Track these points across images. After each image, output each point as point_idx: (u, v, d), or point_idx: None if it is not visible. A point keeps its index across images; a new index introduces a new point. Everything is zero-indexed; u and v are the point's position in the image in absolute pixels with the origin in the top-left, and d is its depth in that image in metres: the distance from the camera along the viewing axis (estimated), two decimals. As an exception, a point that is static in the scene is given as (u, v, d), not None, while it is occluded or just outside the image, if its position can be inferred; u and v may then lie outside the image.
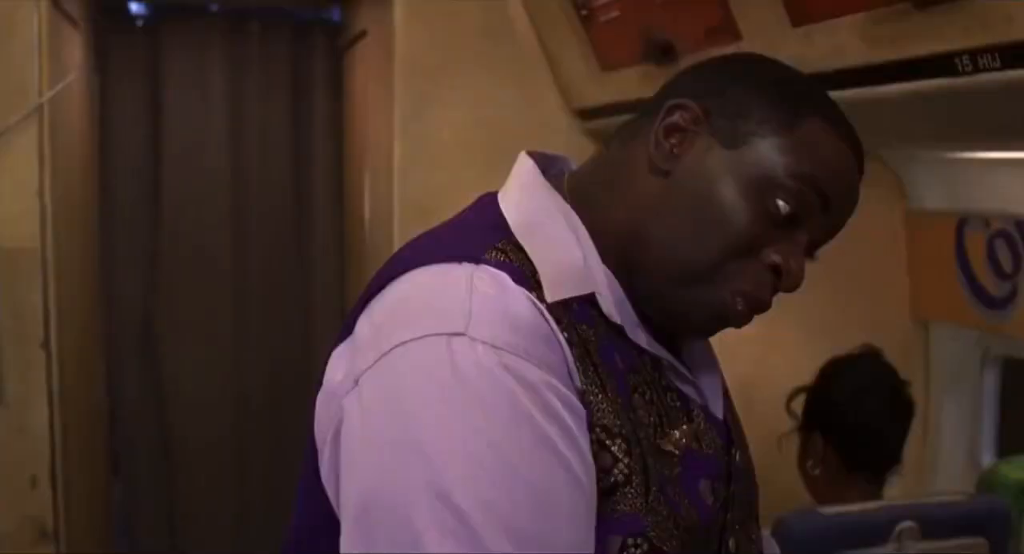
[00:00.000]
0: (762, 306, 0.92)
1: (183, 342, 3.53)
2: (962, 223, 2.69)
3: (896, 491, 2.10)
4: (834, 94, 1.55)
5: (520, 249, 0.88)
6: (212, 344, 3.54)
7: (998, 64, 1.27)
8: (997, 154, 2.38)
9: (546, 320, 0.83)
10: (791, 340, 2.85)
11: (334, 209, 3.69)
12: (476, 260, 0.85)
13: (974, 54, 1.29)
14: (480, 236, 0.89)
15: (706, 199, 0.89)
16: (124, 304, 3.52)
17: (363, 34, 3.12)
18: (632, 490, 0.84)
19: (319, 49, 3.70)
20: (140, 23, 3.61)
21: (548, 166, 0.99)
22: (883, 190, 2.94)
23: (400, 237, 2.57)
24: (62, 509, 2.46)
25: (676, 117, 0.92)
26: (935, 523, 1.75)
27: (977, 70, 1.30)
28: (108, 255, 3.46)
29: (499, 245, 0.88)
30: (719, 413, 0.98)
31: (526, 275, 0.85)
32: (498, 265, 0.85)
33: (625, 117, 2.56)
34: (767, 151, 0.89)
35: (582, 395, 0.83)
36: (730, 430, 1.00)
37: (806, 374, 2.05)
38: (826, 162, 0.90)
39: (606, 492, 0.84)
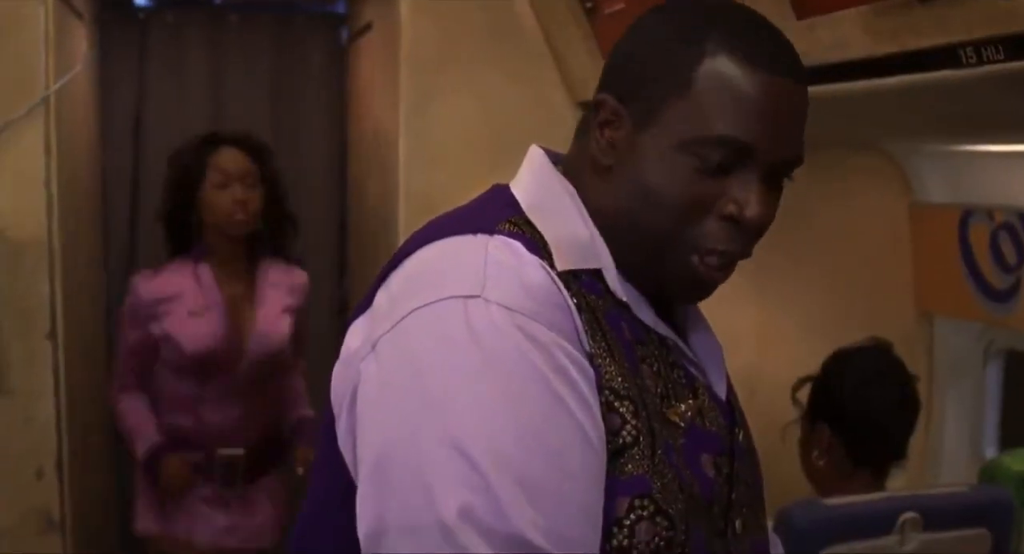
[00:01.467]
0: (731, 257, 0.92)
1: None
2: (966, 216, 2.69)
3: (899, 483, 2.11)
4: (837, 87, 1.56)
5: (531, 224, 0.91)
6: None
7: (1002, 56, 1.27)
8: (1002, 147, 2.39)
9: (558, 286, 0.86)
10: (794, 332, 2.87)
11: (339, 202, 3.70)
12: (491, 231, 0.88)
13: (978, 46, 1.30)
14: (494, 212, 0.92)
15: (643, 181, 0.91)
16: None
17: (368, 27, 3.12)
18: (639, 451, 0.86)
19: (324, 42, 3.71)
20: (144, 15, 3.62)
21: (556, 160, 1.01)
22: (887, 183, 2.94)
23: (405, 231, 2.57)
24: (68, 500, 2.48)
25: (602, 114, 0.94)
26: (938, 514, 1.76)
27: (981, 62, 1.30)
28: (114, 245, 3.49)
29: (512, 219, 0.91)
30: (722, 394, 1.00)
31: (538, 245, 0.89)
32: (511, 235, 0.89)
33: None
34: (673, 121, 0.89)
35: (591, 358, 0.85)
36: (733, 411, 1.02)
37: (808, 366, 2.06)
38: (736, 101, 0.88)
39: (614, 453, 0.85)
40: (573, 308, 0.86)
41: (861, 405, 1.90)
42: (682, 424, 0.92)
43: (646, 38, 0.94)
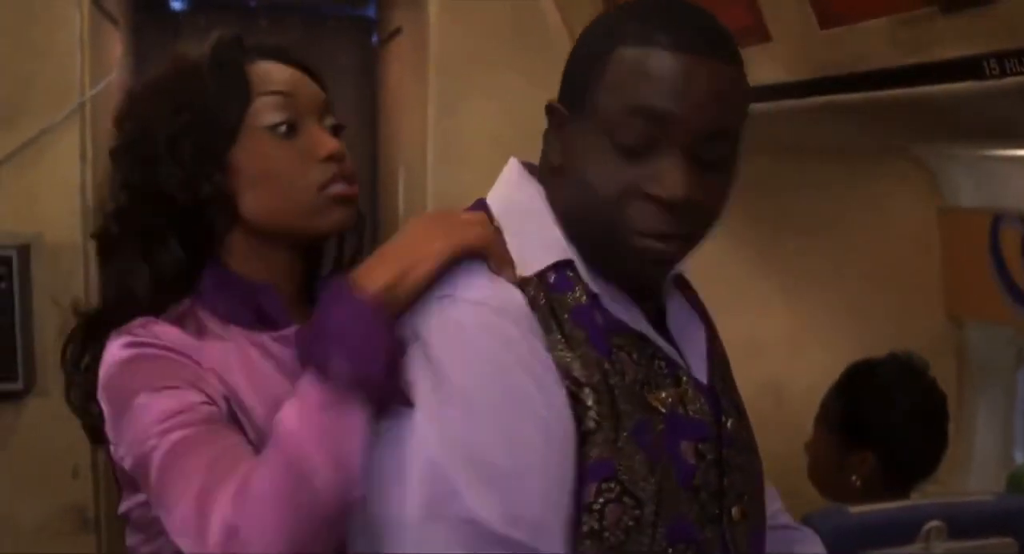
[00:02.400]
0: (662, 236, 0.94)
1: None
2: (996, 221, 2.68)
3: (929, 488, 2.11)
4: (862, 95, 1.57)
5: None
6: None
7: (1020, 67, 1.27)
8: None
9: (513, 298, 0.93)
10: (823, 338, 2.86)
11: (368, 204, 3.74)
12: None
13: (1001, 58, 1.30)
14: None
15: (581, 173, 0.95)
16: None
17: (398, 31, 3.16)
18: (603, 436, 0.90)
19: (355, 45, 3.75)
20: (178, 19, 3.68)
21: (533, 170, 1.05)
22: (916, 188, 2.93)
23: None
24: (103, 498, 2.52)
25: (552, 119, 1.00)
26: (963, 522, 1.76)
27: (1004, 74, 1.30)
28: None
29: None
30: (703, 378, 1.02)
31: (523, 274, 0.96)
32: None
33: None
34: (595, 110, 0.94)
35: (547, 352, 0.91)
36: (718, 397, 1.03)
37: (837, 373, 2.06)
38: (645, 76, 0.91)
39: (591, 433, 0.90)
40: (528, 308, 0.93)
41: (902, 436, 1.90)
42: (663, 410, 0.95)
43: (580, 42, 1.00)
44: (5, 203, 2.33)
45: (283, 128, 1.14)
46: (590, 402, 0.91)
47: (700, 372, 1.02)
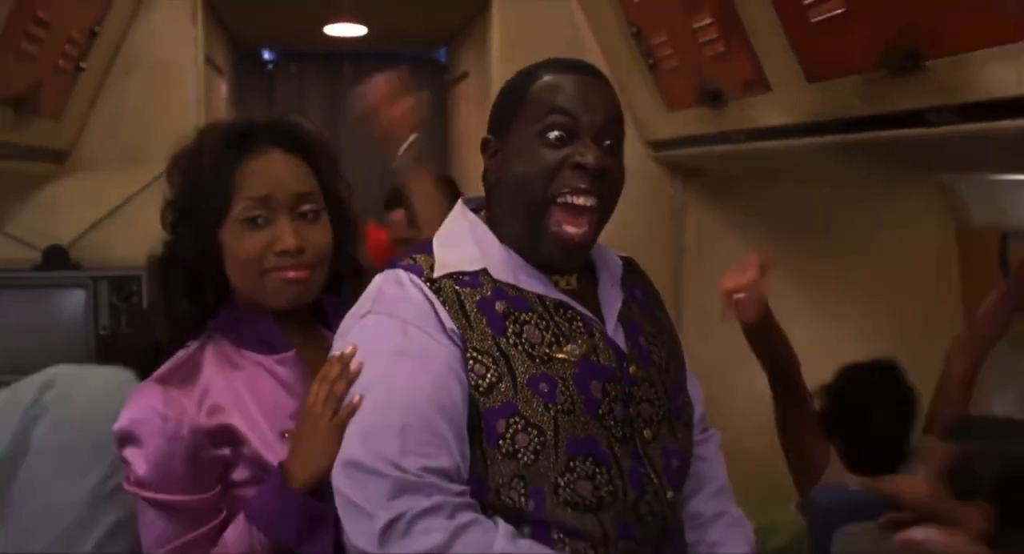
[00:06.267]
0: (585, 191, 1.27)
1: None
2: (1004, 238, 2.94)
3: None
4: (842, 137, 1.88)
5: (431, 254, 1.33)
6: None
7: (955, 119, 1.60)
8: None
9: (424, 293, 1.28)
10: (851, 351, 3.14)
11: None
12: (393, 267, 1.31)
13: (938, 110, 1.62)
14: (412, 253, 1.34)
15: (514, 173, 1.30)
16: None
17: (465, 75, 3.54)
18: (503, 387, 1.25)
19: (427, 86, 4.15)
20: (272, 67, 4.12)
21: (478, 204, 1.39)
22: (935, 210, 3.20)
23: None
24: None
25: (487, 149, 1.35)
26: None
27: (942, 123, 1.63)
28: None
29: (415, 255, 1.33)
30: (612, 334, 1.34)
31: (422, 268, 1.31)
32: (404, 267, 1.31)
33: (687, 149, 2.91)
34: (523, 125, 1.29)
35: (455, 331, 1.26)
36: (624, 352, 1.34)
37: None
38: (556, 89, 1.28)
39: (487, 390, 1.25)
40: (436, 303, 1.27)
41: (862, 423, 2.15)
42: (572, 359, 1.28)
43: (503, 91, 1.35)
44: (135, 231, 2.75)
45: (257, 222, 1.34)
46: (488, 365, 1.25)
47: (611, 330, 1.34)
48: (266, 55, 4.15)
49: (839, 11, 1.72)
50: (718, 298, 2.15)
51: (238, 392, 1.33)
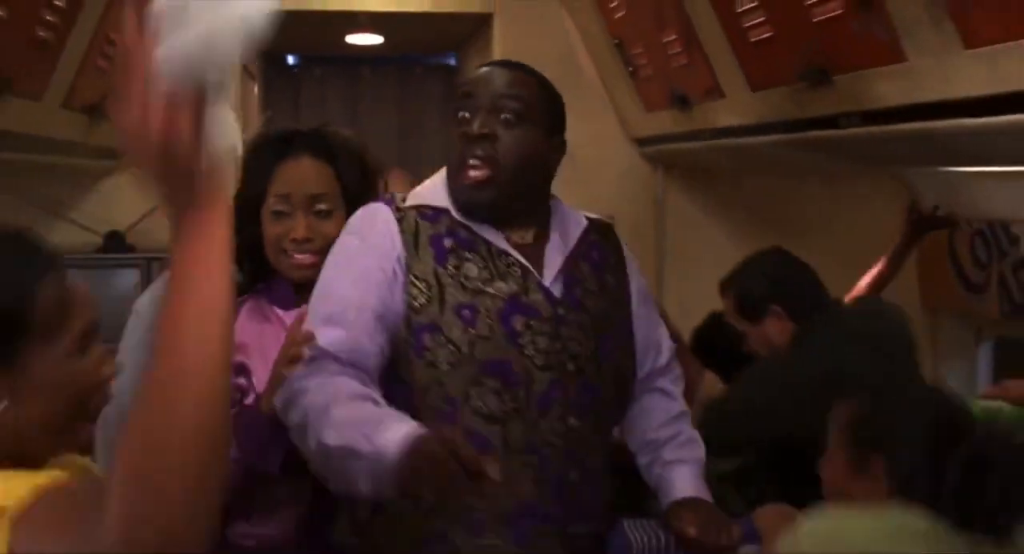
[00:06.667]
0: (473, 156, 1.54)
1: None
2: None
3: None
4: (785, 136, 2.25)
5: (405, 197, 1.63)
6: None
7: (859, 122, 1.97)
8: (978, 169, 2.96)
9: (388, 223, 1.56)
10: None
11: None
12: (376, 202, 1.63)
13: (847, 115, 2.00)
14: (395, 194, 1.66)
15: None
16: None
17: (471, 79, 3.92)
18: (432, 308, 1.51)
19: (440, 87, 4.55)
20: (296, 70, 4.52)
21: None
22: (894, 197, 3.55)
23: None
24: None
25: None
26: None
27: (850, 126, 2.01)
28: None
29: (396, 194, 1.65)
30: (547, 282, 1.58)
31: (396, 201, 1.60)
32: (383, 200, 1.62)
33: (664, 146, 3.29)
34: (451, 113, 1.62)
35: (402, 257, 1.53)
36: (557, 297, 1.57)
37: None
38: (465, 81, 1.65)
39: (418, 310, 1.50)
40: (396, 230, 1.55)
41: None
42: (500, 295, 1.53)
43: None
44: None
45: (280, 213, 1.70)
46: (423, 288, 1.51)
47: (548, 280, 1.57)
48: (290, 60, 4.54)
49: (768, 34, 2.10)
50: (696, 275, 2.60)
51: (262, 337, 1.67)
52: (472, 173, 1.54)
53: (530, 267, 1.58)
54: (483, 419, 1.50)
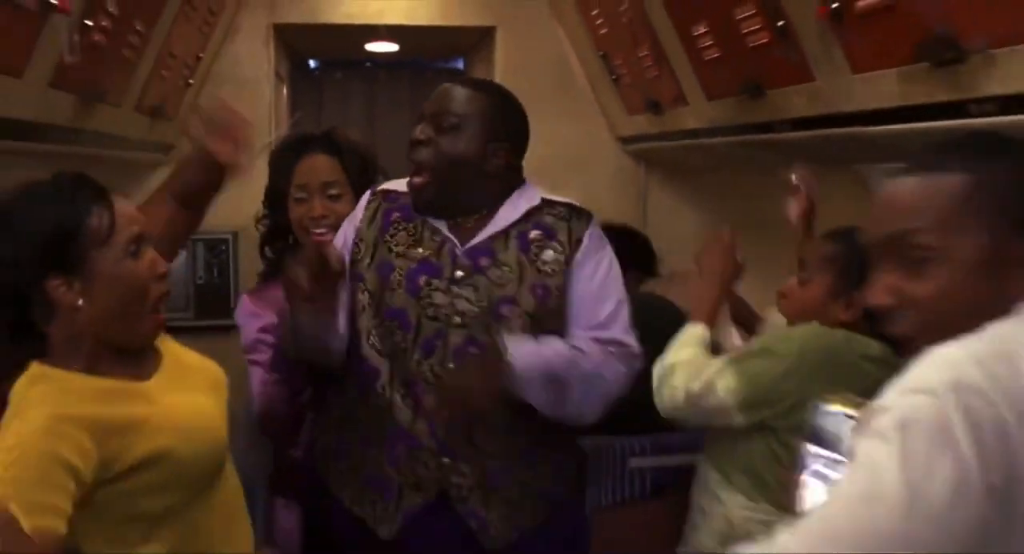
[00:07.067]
0: (412, 162, 1.82)
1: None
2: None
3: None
4: (727, 139, 2.71)
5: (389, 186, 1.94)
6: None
7: (789, 128, 2.42)
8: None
9: (364, 201, 1.91)
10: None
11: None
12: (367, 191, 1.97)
13: (780, 122, 2.45)
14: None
15: None
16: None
17: (477, 83, 4.38)
18: (363, 264, 1.82)
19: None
20: (318, 73, 4.98)
21: None
22: (851, 195, 3.96)
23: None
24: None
25: None
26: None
27: (782, 131, 2.46)
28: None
29: (384, 184, 1.95)
30: (461, 253, 1.80)
31: (377, 189, 1.93)
32: (371, 191, 1.94)
33: (644, 144, 3.77)
34: None
35: (359, 226, 1.87)
36: (461, 263, 1.80)
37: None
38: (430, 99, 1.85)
39: (355, 263, 1.82)
40: (364, 206, 1.88)
41: None
42: (414, 257, 1.79)
43: None
44: (223, 204, 3.57)
45: (301, 199, 2.16)
46: (363, 249, 1.82)
47: (464, 249, 1.80)
48: (312, 64, 5.00)
49: (716, 55, 2.55)
50: (673, 260, 3.02)
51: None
52: (414, 180, 1.83)
53: (451, 237, 1.84)
54: (376, 353, 1.82)
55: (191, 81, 3.37)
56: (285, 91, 4.37)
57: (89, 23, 2.02)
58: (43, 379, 1.34)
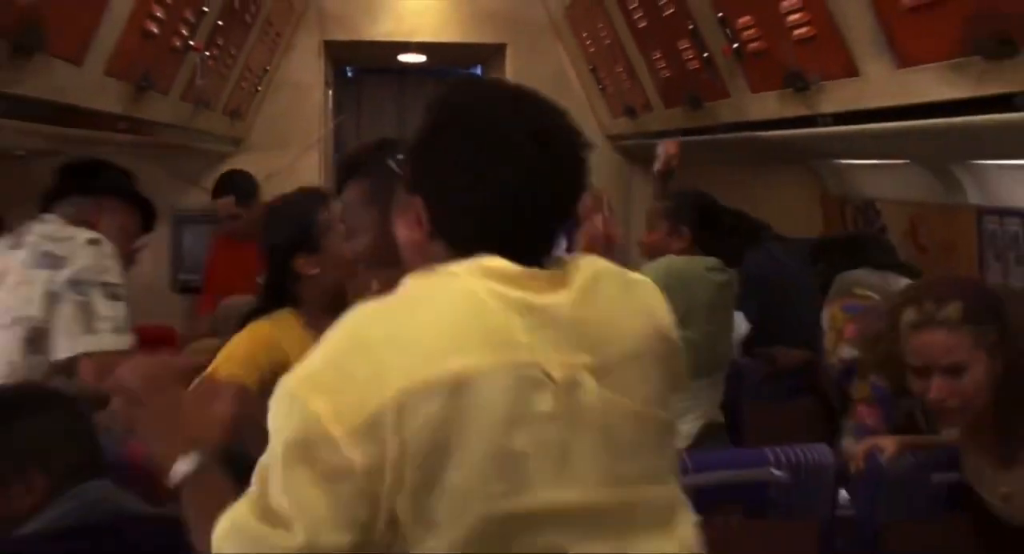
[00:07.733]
0: None
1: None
2: (843, 202, 4.46)
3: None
4: (692, 138, 3.50)
5: None
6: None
7: (724, 130, 3.20)
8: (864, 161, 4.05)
9: None
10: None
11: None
12: None
13: (716, 127, 3.22)
14: None
15: None
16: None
17: (492, 88, 5.18)
18: None
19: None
20: (355, 79, 5.79)
21: None
22: (805, 187, 4.70)
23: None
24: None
25: None
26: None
27: (715, 133, 3.23)
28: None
29: None
30: None
31: None
32: None
33: (627, 142, 4.63)
34: None
35: None
36: None
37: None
38: None
39: None
40: None
41: None
42: None
43: None
44: (286, 187, 4.43)
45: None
46: None
47: None
48: (349, 72, 5.81)
49: (668, 75, 3.33)
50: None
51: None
52: None
53: None
54: None
55: (259, 88, 4.19)
56: (331, 94, 5.18)
57: (207, 53, 2.84)
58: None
